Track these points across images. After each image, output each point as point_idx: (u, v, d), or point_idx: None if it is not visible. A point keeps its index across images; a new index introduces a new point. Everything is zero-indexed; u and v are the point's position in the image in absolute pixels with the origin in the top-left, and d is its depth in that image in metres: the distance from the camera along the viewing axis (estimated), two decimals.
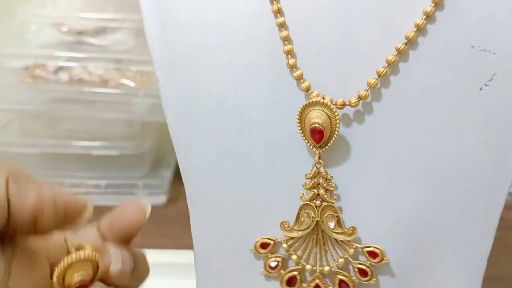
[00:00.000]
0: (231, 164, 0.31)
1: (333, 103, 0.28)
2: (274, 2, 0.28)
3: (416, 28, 0.27)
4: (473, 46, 0.27)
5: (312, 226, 0.30)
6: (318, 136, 0.28)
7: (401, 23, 0.27)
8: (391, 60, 0.27)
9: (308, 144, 0.29)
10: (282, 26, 0.28)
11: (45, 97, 0.66)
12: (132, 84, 0.66)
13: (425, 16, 0.26)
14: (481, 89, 0.27)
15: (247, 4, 0.29)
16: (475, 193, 0.29)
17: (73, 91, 0.65)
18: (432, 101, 0.28)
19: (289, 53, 0.28)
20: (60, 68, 0.65)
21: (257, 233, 0.31)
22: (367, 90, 0.28)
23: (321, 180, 0.29)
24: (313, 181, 0.29)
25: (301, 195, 0.30)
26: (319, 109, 0.28)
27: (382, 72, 0.27)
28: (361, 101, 0.28)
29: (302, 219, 0.30)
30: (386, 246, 0.30)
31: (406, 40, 0.27)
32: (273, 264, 0.31)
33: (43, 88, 0.65)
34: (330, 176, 0.29)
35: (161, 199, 0.69)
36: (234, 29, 0.29)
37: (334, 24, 0.28)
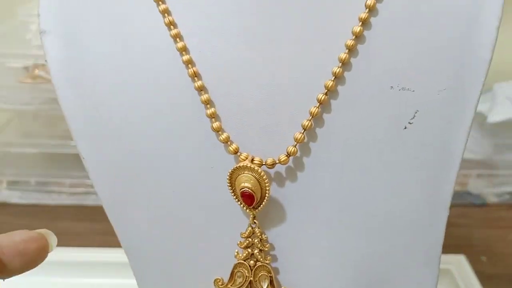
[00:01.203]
0: (165, 224, 0.30)
1: (263, 163, 0.27)
2: (190, 65, 0.27)
3: (334, 77, 0.26)
4: (392, 87, 0.26)
5: (246, 285, 0.30)
6: (248, 199, 0.27)
7: (320, 71, 0.27)
8: (314, 112, 0.27)
9: (242, 205, 0.28)
10: (201, 89, 0.27)
11: (45, 97, 0.66)
12: None
13: (341, 64, 0.26)
14: (405, 127, 0.27)
15: (164, 68, 0.28)
16: (414, 230, 0.29)
17: None
18: (360, 148, 0.27)
19: (213, 116, 0.27)
20: None
21: None
22: (295, 146, 0.27)
23: (255, 240, 0.29)
24: (247, 241, 0.29)
25: (236, 253, 0.29)
26: (247, 173, 0.27)
27: (307, 125, 0.27)
28: (291, 158, 0.27)
29: (236, 278, 0.30)
30: None
31: (326, 90, 0.26)
32: None
33: (43, 88, 0.65)
34: (265, 237, 0.29)
35: None
36: (154, 93, 0.28)
37: (254, 80, 0.27)
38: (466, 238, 0.62)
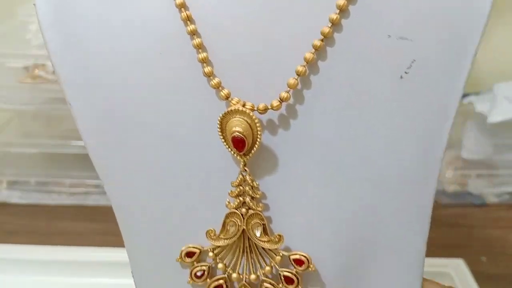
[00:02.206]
0: (155, 176, 0.30)
1: (255, 109, 0.27)
2: (183, 9, 0.27)
3: (331, 24, 0.26)
4: (389, 35, 0.26)
5: (239, 234, 0.29)
6: (239, 144, 0.27)
7: (317, 19, 0.26)
8: (309, 59, 0.26)
9: (232, 152, 0.28)
10: (193, 33, 0.27)
11: (45, 97, 0.66)
12: None
13: (338, 11, 0.26)
14: (401, 77, 0.27)
15: (156, 15, 0.27)
16: (406, 185, 0.29)
17: None
18: (355, 97, 0.27)
19: (204, 61, 0.27)
20: None
21: (185, 243, 0.30)
22: (288, 92, 0.27)
23: (247, 188, 0.28)
24: (238, 189, 0.29)
25: (227, 203, 0.29)
26: (239, 117, 0.27)
27: (302, 71, 0.26)
28: (284, 104, 0.27)
29: (228, 228, 0.29)
30: (319, 253, 0.29)
31: (322, 37, 0.26)
32: (199, 273, 0.30)
33: (43, 88, 0.65)
34: (256, 184, 0.28)
35: None
36: (145, 43, 0.28)
37: (246, 27, 0.27)
38: (466, 238, 0.62)
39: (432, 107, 0.27)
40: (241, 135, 0.26)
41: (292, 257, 0.29)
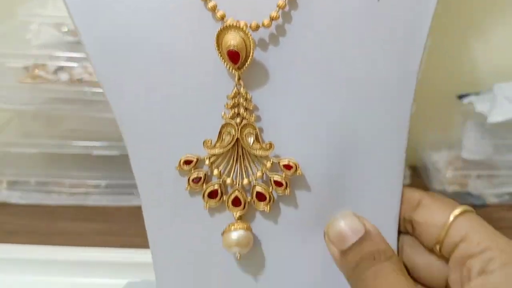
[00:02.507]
0: (158, 91, 0.32)
1: (248, 26, 0.30)
2: None
3: None
4: None
5: (233, 143, 0.32)
6: (235, 57, 0.30)
7: None
8: None
9: (228, 66, 0.30)
10: None
11: (45, 97, 0.66)
12: None
13: None
14: (378, 0, 0.31)
15: None
16: (386, 96, 0.33)
17: (73, 91, 0.65)
18: (337, 17, 0.31)
19: None
20: (60, 68, 0.65)
21: (184, 153, 0.33)
22: (277, 11, 0.30)
23: (241, 100, 0.31)
24: (233, 101, 0.32)
25: (223, 114, 0.32)
26: (233, 32, 0.30)
27: None
28: (273, 23, 0.30)
29: (224, 137, 0.32)
30: (306, 159, 0.33)
31: None
32: (196, 179, 0.33)
33: (43, 88, 0.65)
34: (250, 96, 0.31)
35: None
36: None
37: None
38: None
39: (407, 26, 0.31)
40: (235, 48, 0.29)
41: (281, 163, 0.33)
